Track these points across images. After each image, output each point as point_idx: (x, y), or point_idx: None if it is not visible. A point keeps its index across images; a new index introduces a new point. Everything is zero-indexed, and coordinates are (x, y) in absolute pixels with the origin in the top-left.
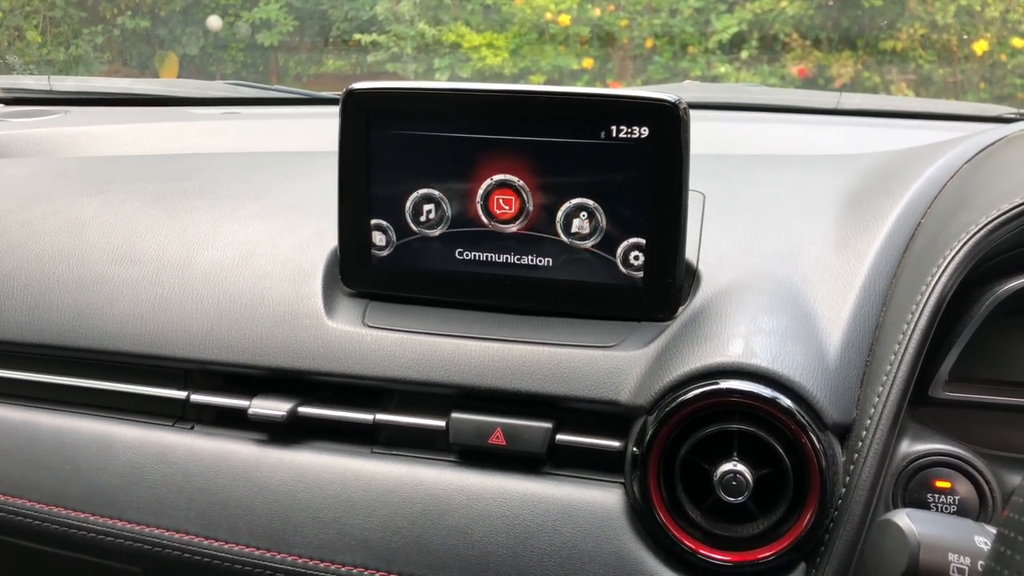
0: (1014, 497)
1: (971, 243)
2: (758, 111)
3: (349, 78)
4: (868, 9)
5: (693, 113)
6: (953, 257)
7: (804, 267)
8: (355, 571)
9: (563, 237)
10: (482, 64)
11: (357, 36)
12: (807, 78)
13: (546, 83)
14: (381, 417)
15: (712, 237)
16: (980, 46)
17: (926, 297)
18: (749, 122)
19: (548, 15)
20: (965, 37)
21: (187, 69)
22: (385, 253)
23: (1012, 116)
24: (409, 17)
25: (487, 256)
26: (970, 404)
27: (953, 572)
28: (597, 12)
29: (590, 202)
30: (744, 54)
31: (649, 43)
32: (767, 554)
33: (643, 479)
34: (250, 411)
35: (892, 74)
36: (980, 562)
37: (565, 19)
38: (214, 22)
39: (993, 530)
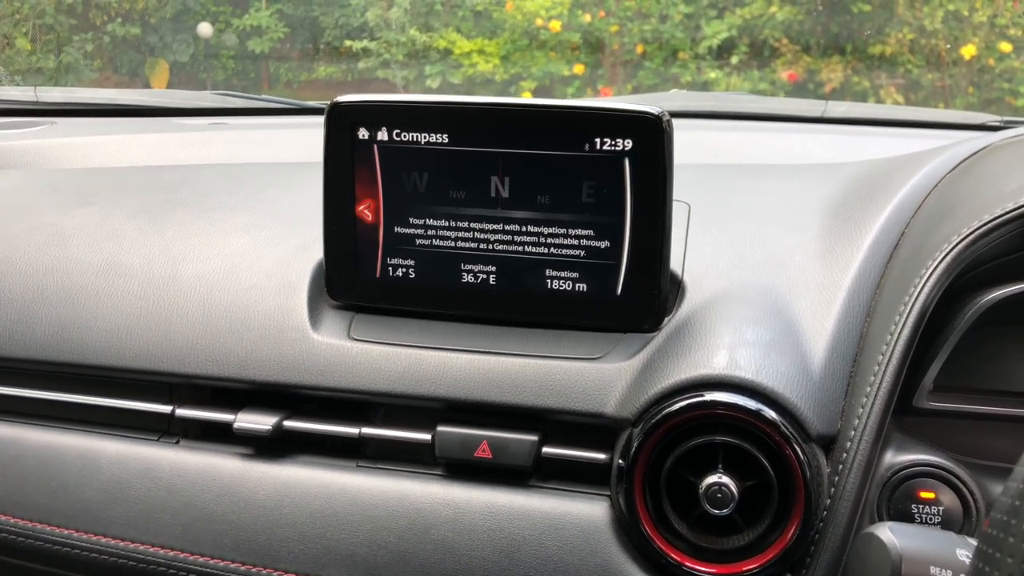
0: (993, 512)
1: (954, 253)
2: (744, 120)
3: (340, 85)
4: (857, 15)
5: (679, 122)
6: (936, 267)
7: (789, 277)
8: None
9: (548, 249)
10: (473, 71)
11: (348, 43)
12: (797, 83)
13: (537, 89)
14: (367, 431)
15: (697, 247)
16: (968, 51)
17: (909, 307)
18: (735, 131)
19: (539, 21)
20: (953, 42)
21: (178, 76)
22: (371, 265)
23: (997, 124)
24: (400, 24)
25: (473, 268)
26: (954, 414)
27: None
28: (587, 18)
29: (575, 214)
30: (734, 60)
31: (639, 49)
32: (753, 566)
33: (629, 491)
34: (235, 425)
35: (881, 79)
36: (962, 575)
37: (556, 25)
38: (205, 29)
39: (975, 543)
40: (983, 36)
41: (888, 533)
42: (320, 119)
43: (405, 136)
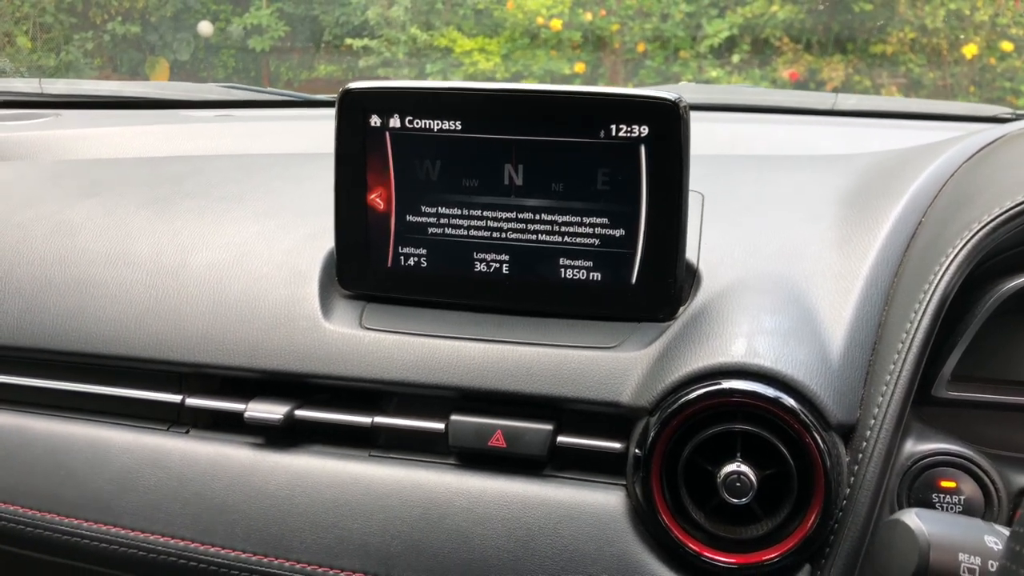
0: None
1: (973, 241)
2: (755, 112)
3: (341, 83)
4: (858, 13)
5: (691, 114)
6: (956, 255)
7: (805, 266)
8: None
9: (562, 237)
10: (474, 69)
11: (349, 41)
12: (798, 82)
13: None
14: (379, 420)
15: (712, 237)
16: (969, 50)
17: (929, 296)
18: (746, 123)
19: (540, 19)
20: (955, 41)
21: (178, 75)
22: (383, 254)
23: (1008, 116)
24: (401, 22)
25: (486, 257)
26: (974, 403)
27: (963, 572)
28: (588, 16)
29: (590, 201)
30: (735, 58)
31: (641, 47)
32: (772, 556)
33: (645, 481)
34: (246, 415)
35: (882, 77)
36: (991, 562)
37: (557, 24)
38: (205, 28)
39: (1003, 529)
40: (984, 35)
41: (915, 519)
42: (325, 111)
43: (417, 123)
